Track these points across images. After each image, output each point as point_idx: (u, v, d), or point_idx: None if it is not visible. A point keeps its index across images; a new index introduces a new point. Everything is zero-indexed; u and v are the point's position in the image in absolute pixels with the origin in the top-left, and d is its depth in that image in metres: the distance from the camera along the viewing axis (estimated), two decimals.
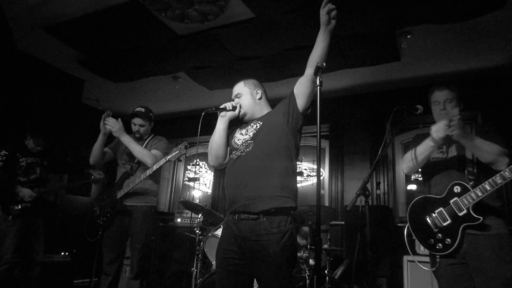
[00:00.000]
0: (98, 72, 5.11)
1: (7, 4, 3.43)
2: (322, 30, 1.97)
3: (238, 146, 2.17)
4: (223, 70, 4.80)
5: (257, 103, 2.30)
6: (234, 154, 2.18)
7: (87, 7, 3.71)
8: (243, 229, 1.99)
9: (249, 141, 2.13)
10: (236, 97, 2.31)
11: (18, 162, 3.76)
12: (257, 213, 1.96)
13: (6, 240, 3.56)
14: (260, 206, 1.96)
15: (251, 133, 2.17)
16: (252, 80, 2.37)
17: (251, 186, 2.02)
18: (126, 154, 3.52)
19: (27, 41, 4.33)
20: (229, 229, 2.07)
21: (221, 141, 2.23)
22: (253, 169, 2.05)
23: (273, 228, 1.92)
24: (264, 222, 1.94)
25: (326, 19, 1.94)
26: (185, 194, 7.01)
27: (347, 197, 5.09)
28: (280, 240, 1.90)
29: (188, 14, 3.63)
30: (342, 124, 5.42)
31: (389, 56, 4.30)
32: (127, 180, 3.40)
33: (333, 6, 1.91)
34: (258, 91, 2.33)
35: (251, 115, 2.28)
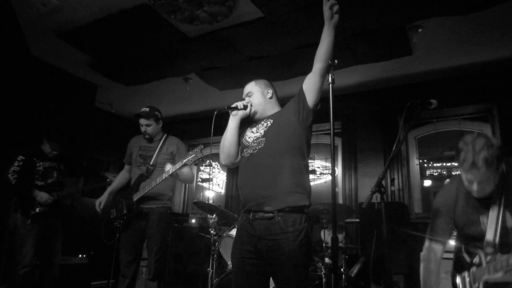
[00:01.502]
0: (110, 76, 5.17)
1: (21, 12, 3.48)
2: (326, 25, 2.01)
3: (250, 144, 2.17)
4: (233, 70, 4.81)
5: (268, 101, 2.32)
6: (246, 152, 2.18)
7: (98, 12, 3.76)
8: (258, 228, 1.99)
9: (261, 138, 2.14)
10: (247, 95, 2.33)
11: (36, 167, 3.83)
12: (271, 212, 1.96)
13: (26, 244, 3.63)
14: (275, 204, 1.96)
15: (262, 130, 2.18)
16: (263, 80, 2.40)
17: (265, 184, 2.01)
18: (139, 156, 3.53)
19: (41, 47, 4.42)
20: (243, 228, 2.07)
21: (233, 139, 2.23)
22: (266, 166, 2.05)
23: (288, 227, 1.92)
24: (279, 221, 1.93)
25: (329, 14, 1.98)
26: (199, 194, 7.05)
27: (361, 194, 5.05)
28: (296, 238, 1.90)
29: (197, 15, 3.65)
30: (354, 120, 5.38)
31: (400, 50, 4.26)
32: (143, 183, 3.40)
33: (335, 1, 1.96)
34: (269, 90, 2.35)
35: (262, 114, 2.29)
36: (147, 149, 3.54)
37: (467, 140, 1.85)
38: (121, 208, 3.39)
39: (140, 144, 3.59)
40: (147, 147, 3.55)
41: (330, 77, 1.68)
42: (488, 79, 4.60)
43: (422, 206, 5.02)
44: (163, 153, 3.49)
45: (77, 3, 3.63)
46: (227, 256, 3.76)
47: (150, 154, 3.50)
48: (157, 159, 3.46)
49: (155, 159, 3.45)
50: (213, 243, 3.97)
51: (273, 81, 4.84)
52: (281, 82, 4.90)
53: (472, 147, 1.79)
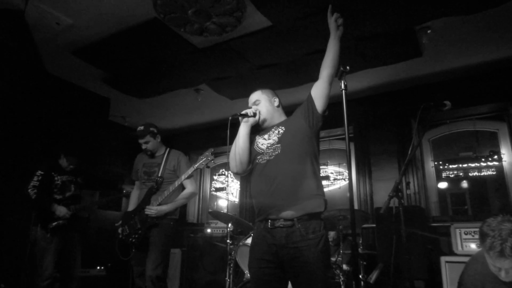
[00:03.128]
0: (123, 90, 5.26)
1: (36, 31, 3.58)
2: (332, 37, 2.17)
3: (264, 151, 2.18)
4: (243, 79, 4.84)
5: (276, 109, 2.36)
6: (261, 158, 2.18)
7: (110, 28, 3.83)
8: (278, 236, 1.98)
9: (276, 145, 2.15)
10: (254, 104, 2.36)
11: (54, 181, 3.90)
12: (291, 220, 1.96)
13: (46, 257, 3.68)
14: (295, 211, 1.97)
15: (275, 137, 2.19)
16: (268, 89, 2.46)
17: (285, 190, 2.02)
18: (144, 172, 3.62)
19: (56, 64, 4.51)
20: (261, 237, 2.07)
21: (245, 146, 2.24)
22: (285, 172, 2.06)
23: (309, 234, 1.92)
24: (299, 228, 1.94)
25: (335, 26, 2.16)
26: (213, 204, 7.07)
27: (376, 199, 5.01)
28: (317, 245, 1.91)
29: (206, 27, 3.69)
30: (366, 125, 5.35)
31: (410, 52, 4.23)
32: (154, 196, 3.46)
33: (339, 14, 2.14)
34: (275, 99, 2.40)
35: (270, 121, 2.32)
36: (150, 165, 3.64)
37: (492, 225, 1.79)
38: (134, 223, 3.43)
39: (143, 161, 3.70)
40: (150, 163, 3.66)
41: (343, 83, 1.69)
42: (502, 77, 4.53)
43: (440, 208, 4.95)
44: (168, 168, 3.57)
45: (89, 21, 3.72)
46: (244, 265, 3.76)
47: (153, 170, 3.60)
48: (163, 173, 3.54)
49: (162, 173, 3.53)
50: (229, 252, 3.97)
51: (283, 88, 4.93)
52: (291, 89, 4.93)
53: (499, 233, 1.74)
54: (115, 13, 3.59)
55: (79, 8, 3.52)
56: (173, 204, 3.45)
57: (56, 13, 3.55)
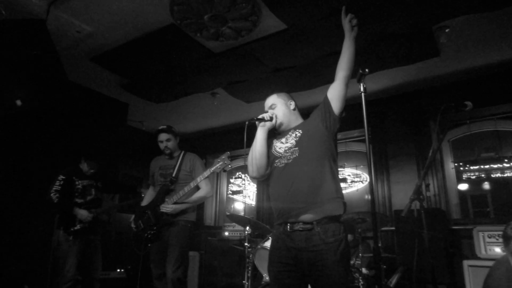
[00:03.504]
0: (140, 95, 5.34)
1: (58, 40, 3.67)
2: (346, 37, 2.16)
3: (282, 154, 2.18)
4: (259, 82, 4.86)
5: (292, 113, 2.35)
6: (278, 162, 2.18)
7: (128, 35, 3.90)
8: (297, 240, 1.97)
9: (294, 148, 2.15)
10: (270, 108, 2.36)
11: (75, 185, 3.98)
12: (310, 223, 1.95)
13: (69, 260, 3.76)
14: (314, 214, 1.96)
15: (293, 140, 2.19)
16: (284, 93, 2.45)
17: (304, 193, 2.02)
18: (160, 175, 3.68)
19: (76, 71, 4.62)
20: (280, 241, 2.06)
21: (262, 150, 2.24)
22: (304, 175, 2.05)
23: (328, 238, 1.91)
24: (319, 231, 1.93)
25: (349, 27, 2.14)
26: (230, 207, 7.09)
27: (395, 201, 4.94)
28: (337, 248, 1.89)
29: (222, 32, 3.72)
30: (383, 126, 5.29)
31: (427, 52, 4.17)
32: (169, 196, 3.51)
33: (353, 15, 2.12)
34: (291, 102, 2.40)
35: (287, 125, 2.31)
36: (166, 167, 3.71)
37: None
38: (148, 219, 3.48)
39: (159, 165, 3.77)
40: (166, 166, 3.72)
41: (362, 86, 1.68)
42: None
43: (461, 211, 4.86)
44: (183, 170, 3.62)
45: (108, 28, 3.80)
46: (262, 268, 3.75)
47: (169, 172, 3.64)
48: (178, 174, 3.58)
49: (176, 174, 3.58)
50: (247, 255, 3.97)
51: (299, 91, 4.92)
52: (307, 91, 4.92)
53: None
54: (133, 20, 3.66)
55: (99, 16, 3.60)
56: (186, 204, 3.49)
57: (76, 21, 3.64)
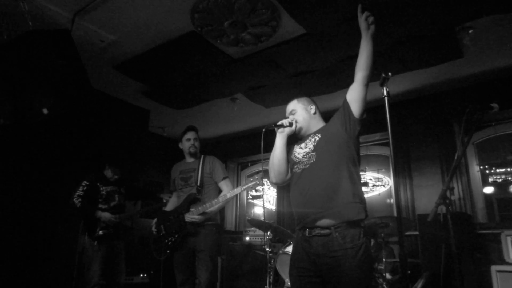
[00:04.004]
0: (162, 101, 5.42)
1: (82, 49, 3.77)
2: (363, 36, 2.11)
3: (300, 160, 2.18)
4: (278, 87, 4.86)
5: (312, 117, 2.35)
6: (297, 168, 2.18)
7: (149, 43, 3.98)
8: (315, 245, 1.97)
9: (311, 153, 2.14)
10: (291, 113, 2.36)
11: (99, 191, 4.06)
12: (328, 228, 1.94)
13: (93, 265, 3.82)
14: (332, 218, 1.94)
15: (311, 145, 2.18)
16: (304, 97, 2.45)
17: (321, 198, 2.00)
18: (181, 179, 3.69)
19: (99, 79, 4.74)
20: (300, 246, 2.06)
21: (282, 156, 2.25)
22: (320, 180, 2.04)
23: (347, 243, 1.88)
24: (337, 237, 1.90)
25: (366, 25, 2.09)
26: (250, 212, 7.10)
27: (418, 206, 4.85)
28: (356, 254, 1.86)
29: (242, 38, 3.75)
30: (405, 129, 5.21)
31: (450, 54, 4.10)
32: (194, 205, 3.49)
33: (369, 12, 2.07)
34: (311, 106, 2.39)
35: (307, 130, 2.31)
36: (187, 171, 3.72)
37: None
38: (171, 225, 3.49)
39: (180, 169, 3.78)
40: (186, 170, 3.73)
41: (385, 90, 1.67)
42: None
43: (487, 215, 4.73)
44: (204, 172, 3.63)
45: (130, 37, 3.88)
46: (284, 274, 3.75)
47: (190, 175, 3.66)
48: (201, 179, 3.59)
49: (200, 180, 3.57)
50: (269, 260, 3.97)
51: (319, 95, 4.90)
52: (327, 95, 4.90)
53: None
54: (154, 28, 3.73)
55: (121, 25, 3.68)
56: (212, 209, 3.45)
57: (100, 31, 3.74)
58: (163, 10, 3.44)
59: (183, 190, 3.66)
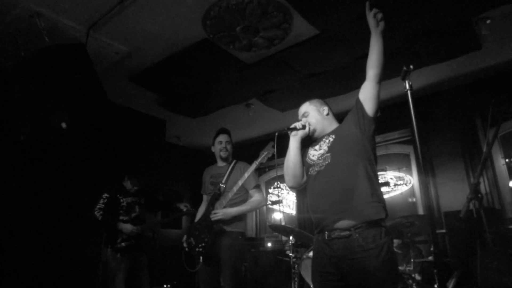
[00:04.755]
0: (177, 111, 5.45)
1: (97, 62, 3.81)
2: (373, 33, 2.08)
3: (315, 162, 2.15)
4: (292, 90, 4.83)
5: (325, 118, 2.32)
6: (312, 170, 2.15)
7: (163, 53, 4.01)
8: (336, 248, 1.92)
9: (326, 154, 2.11)
10: (303, 116, 2.34)
11: (120, 203, 4.08)
12: (348, 229, 1.89)
13: (117, 277, 3.83)
14: (351, 220, 1.89)
15: (326, 146, 2.15)
16: (316, 99, 2.42)
17: (338, 199, 1.96)
18: (210, 183, 3.63)
19: (115, 91, 4.77)
20: (320, 250, 2.02)
21: (296, 159, 2.23)
22: (336, 181, 2.01)
23: (368, 244, 1.83)
24: (357, 238, 1.85)
25: (374, 22, 2.06)
26: (270, 217, 7.04)
27: (443, 203, 4.71)
28: (378, 254, 1.80)
29: (255, 42, 3.74)
30: (425, 125, 5.10)
31: (468, 46, 4.01)
32: (218, 202, 3.44)
33: (377, 9, 2.05)
34: (324, 107, 2.36)
35: (321, 131, 2.28)
36: (217, 175, 3.64)
37: None
38: (200, 232, 3.44)
39: (210, 173, 3.70)
40: (216, 174, 3.65)
41: (407, 83, 1.62)
42: None
43: None
44: (233, 177, 3.53)
45: (144, 48, 3.92)
46: (309, 279, 3.67)
47: (219, 180, 3.59)
48: (227, 181, 3.51)
49: (225, 181, 3.51)
50: (292, 266, 3.90)
51: (334, 96, 4.84)
52: (341, 96, 4.84)
53: None
54: (168, 38, 3.75)
55: (135, 37, 3.72)
56: (239, 208, 3.37)
57: (114, 43, 3.78)
58: (175, 19, 3.46)
59: (211, 195, 3.58)
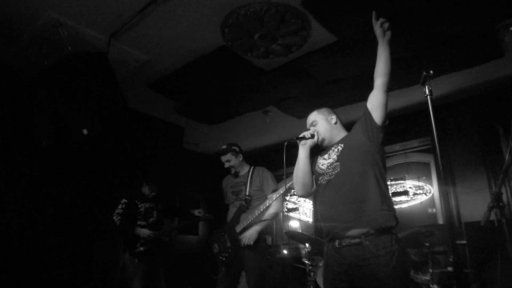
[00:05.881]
0: (195, 117, 5.50)
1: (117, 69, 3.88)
2: (380, 42, 2.11)
3: (324, 171, 2.17)
4: (309, 97, 4.82)
5: (334, 127, 2.34)
6: (322, 179, 2.17)
7: (181, 60, 4.07)
8: (346, 255, 1.93)
9: (335, 163, 2.13)
10: (312, 125, 2.37)
11: (138, 208, 4.13)
12: (358, 237, 1.90)
13: (134, 281, 3.87)
14: (361, 227, 1.90)
15: (335, 155, 2.17)
16: (324, 108, 2.47)
17: (348, 208, 1.98)
18: (231, 193, 3.67)
19: (134, 98, 4.87)
20: (331, 257, 2.03)
21: (306, 169, 2.25)
22: (346, 190, 2.02)
23: (379, 251, 1.84)
24: (368, 245, 1.87)
25: (381, 32, 2.10)
26: (286, 225, 6.99)
27: (464, 213, 4.59)
28: (389, 261, 1.81)
29: (272, 49, 3.76)
30: (445, 134, 5.01)
31: (490, 53, 3.93)
32: (244, 214, 3.48)
33: (384, 19, 2.08)
34: (332, 116, 2.39)
35: (330, 140, 2.30)
36: (237, 185, 3.69)
37: None
38: (224, 241, 3.47)
39: (230, 183, 3.76)
40: (236, 184, 3.70)
41: (427, 89, 1.61)
42: None
43: None
44: (254, 185, 3.58)
45: (163, 55, 3.98)
46: None
47: (240, 188, 3.63)
48: (250, 191, 3.55)
49: (249, 192, 3.54)
50: (308, 274, 3.87)
51: (352, 103, 4.83)
52: (361, 103, 4.80)
53: None
54: (186, 46, 3.81)
55: (154, 44, 3.79)
56: (261, 224, 3.40)
57: (134, 51, 3.86)
58: (194, 27, 3.51)
59: (234, 204, 3.64)
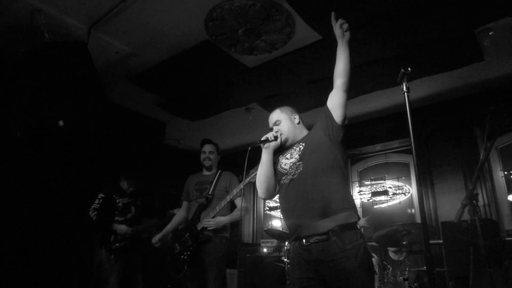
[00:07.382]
0: (177, 113, 5.44)
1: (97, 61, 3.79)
2: (339, 43, 2.14)
3: (287, 170, 2.17)
4: (293, 95, 4.82)
5: (297, 127, 2.34)
6: (285, 179, 2.17)
7: (164, 54, 4.01)
8: (315, 252, 1.94)
9: (298, 163, 2.13)
10: (275, 124, 2.35)
11: (116, 203, 4.06)
12: (325, 233, 1.92)
13: (110, 278, 3.81)
14: (328, 224, 1.93)
15: (297, 154, 2.18)
16: (287, 107, 2.46)
17: (312, 206, 1.99)
18: (196, 190, 3.70)
19: (114, 91, 4.76)
20: (298, 256, 2.03)
21: (269, 172, 2.23)
22: (309, 189, 2.03)
23: (346, 245, 1.88)
24: (335, 240, 1.89)
25: (340, 33, 2.13)
26: (267, 223, 6.99)
27: (441, 213, 4.69)
28: (356, 254, 1.86)
29: (256, 46, 3.74)
30: (425, 135, 5.09)
31: (470, 57, 4.01)
32: (204, 212, 3.52)
33: (343, 20, 2.12)
34: (295, 116, 2.39)
35: (293, 140, 2.30)
36: (202, 183, 3.73)
37: None
38: (185, 240, 3.48)
39: (196, 181, 3.80)
40: (202, 182, 3.74)
41: (404, 85, 1.61)
42: None
43: None
44: (219, 186, 3.64)
45: (145, 48, 3.91)
46: None
47: (205, 187, 3.67)
48: (214, 191, 3.60)
49: (212, 191, 3.59)
50: (287, 272, 3.87)
51: None
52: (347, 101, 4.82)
53: None
54: (169, 39, 3.75)
55: (136, 36, 3.72)
56: (229, 216, 3.50)
57: (115, 42, 3.78)
58: (177, 20, 3.46)
59: (197, 201, 3.66)
